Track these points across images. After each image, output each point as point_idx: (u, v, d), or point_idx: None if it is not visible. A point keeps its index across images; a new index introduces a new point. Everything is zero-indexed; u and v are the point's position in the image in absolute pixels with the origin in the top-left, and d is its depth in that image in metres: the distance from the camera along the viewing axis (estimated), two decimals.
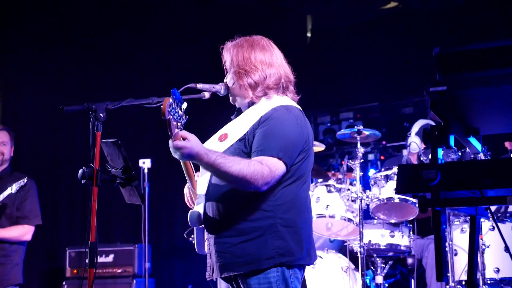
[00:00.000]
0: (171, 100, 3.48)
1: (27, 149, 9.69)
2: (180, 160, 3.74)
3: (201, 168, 3.83)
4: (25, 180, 6.01)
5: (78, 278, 8.88)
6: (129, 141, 5.68)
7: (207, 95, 3.95)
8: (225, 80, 4.01)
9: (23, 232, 6.09)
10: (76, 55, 9.97)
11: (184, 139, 3.54)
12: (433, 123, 3.43)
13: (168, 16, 10.23)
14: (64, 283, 9.01)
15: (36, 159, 9.70)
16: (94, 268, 3.95)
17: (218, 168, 3.56)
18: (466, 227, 6.59)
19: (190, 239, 6.43)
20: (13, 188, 5.93)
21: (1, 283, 5.98)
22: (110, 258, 8.87)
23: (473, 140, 3.81)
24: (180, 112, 3.55)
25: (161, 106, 3.46)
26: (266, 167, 3.58)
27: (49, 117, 9.36)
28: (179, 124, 3.54)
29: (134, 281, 8.63)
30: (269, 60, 3.93)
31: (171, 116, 3.48)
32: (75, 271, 9.01)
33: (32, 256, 9.54)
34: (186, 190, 4.10)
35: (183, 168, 3.87)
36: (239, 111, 4.03)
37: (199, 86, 3.89)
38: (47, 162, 9.64)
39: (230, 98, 4.03)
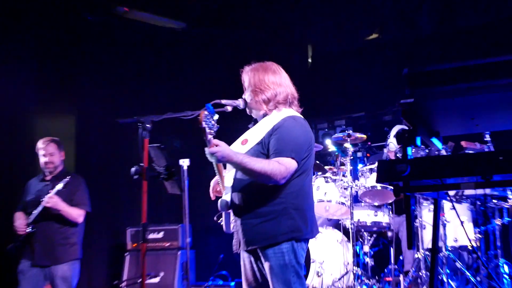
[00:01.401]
0: (206, 113, 3.56)
1: (96, 152, 9.73)
2: (213, 162, 3.77)
3: (227, 167, 3.89)
4: (68, 178, 5.98)
5: (136, 251, 8.93)
6: (172, 145, 5.70)
7: (229, 108, 3.96)
8: (243, 97, 4.03)
9: (78, 213, 6.02)
10: (128, 79, 10.02)
11: (216, 145, 3.61)
12: (404, 128, 3.43)
13: (195, 47, 10.24)
14: (126, 254, 9.05)
15: (103, 160, 9.73)
16: (146, 243, 4.05)
17: (244, 166, 3.65)
18: (432, 207, 6.58)
19: (219, 221, 6.40)
20: (60, 186, 5.91)
21: (62, 259, 5.96)
22: (160, 235, 8.89)
23: (435, 140, 3.80)
24: (212, 122, 3.60)
25: (198, 118, 3.56)
26: (283, 165, 3.66)
27: (110, 128, 9.40)
28: (212, 131, 3.60)
29: (179, 252, 8.64)
30: (279, 81, 3.97)
31: (206, 126, 3.56)
32: (134, 245, 9.04)
33: (101, 235, 9.60)
34: (212, 183, 4.13)
35: (214, 167, 3.88)
36: (255, 121, 4.06)
37: (223, 101, 3.89)
38: (111, 162, 9.67)
39: (247, 110, 4.05)
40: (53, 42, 9.56)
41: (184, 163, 7.82)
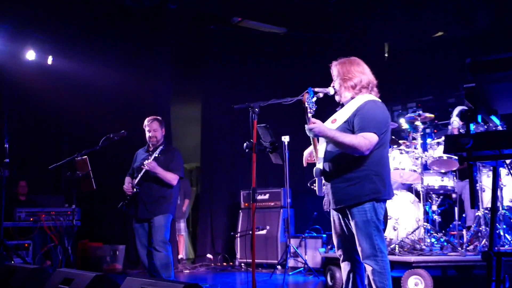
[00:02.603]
0: (308, 95, 3.60)
1: (217, 132, 9.90)
2: (311, 136, 3.76)
3: (320, 141, 3.86)
4: (162, 147, 5.93)
5: (248, 209, 9.03)
6: (275, 125, 5.71)
7: (321, 95, 3.92)
8: (332, 85, 3.98)
9: (173, 177, 5.90)
10: (242, 74, 10.12)
11: (314, 123, 3.64)
12: (466, 108, 3.30)
13: (293, 47, 10.22)
14: (240, 211, 9.19)
15: (221, 139, 9.90)
16: (255, 202, 4.05)
17: (336, 139, 3.65)
18: (491, 173, 6.34)
19: (312, 187, 6.37)
20: (156, 153, 5.88)
21: (159, 212, 5.86)
22: (266, 196, 8.97)
23: (493, 118, 3.66)
24: (312, 102, 3.63)
25: (302, 98, 3.64)
26: (367, 139, 3.62)
27: (228, 112, 9.53)
28: (312, 110, 3.63)
29: (281, 210, 8.70)
30: (362, 71, 3.92)
31: (308, 105, 3.60)
32: (246, 204, 9.16)
33: (221, 197, 9.79)
34: (304, 153, 4.12)
35: (311, 141, 3.85)
36: (342, 105, 3.99)
37: (316, 89, 3.85)
38: (229, 140, 9.83)
39: (336, 96, 4.00)
40: (185, 46, 9.82)
41: (285, 139, 7.89)
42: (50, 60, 8.58)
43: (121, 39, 9.13)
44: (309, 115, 3.62)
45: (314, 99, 3.67)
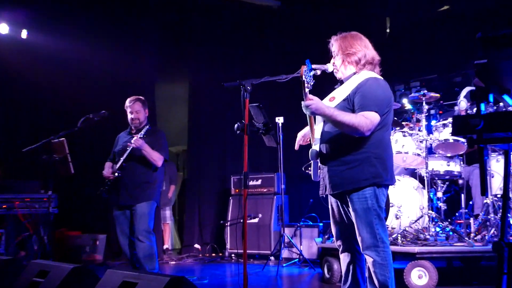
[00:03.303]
0: (305, 68, 3.54)
1: (206, 112, 9.84)
2: (307, 115, 3.72)
3: (316, 121, 3.81)
4: (148, 127, 5.90)
5: (239, 195, 9.01)
6: (268, 104, 5.67)
7: (318, 72, 3.88)
8: (331, 61, 3.94)
9: (159, 157, 5.88)
10: (232, 50, 10.05)
11: (311, 100, 3.58)
12: (475, 88, 3.26)
13: (288, 22, 10.15)
14: (230, 198, 9.16)
15: (210, 120, 9.85)
16: (247, 188, 4.02)
17: (335, 118, 3.59)
18: (500, 158, 6.36)
19: (307, 171, 6.34)
20: (141, 133, 5.84)
21: (142, 199, 5.86)
22: (259, 182, 8.95)
23: (506, 97, 3.59)
24: (310, 76, 3.58)
25: (299, 72, 3.57)
26: (368, 119, 3.59)
27: (217, 91, 9.47)
28: (309, 85, 3.58)
29: (275, 197, 8.69)
30: (366, 45, 3.89)
31: (305, 79, 3.54)
32: (237, 190, 9.14)
33: (210, 182, 9.76)
34: (299, 135, 4.09)
35: (308, 120, 3.82)
36: (341, 82, 3.94)
37: (314, 66, 3.80)
38: (219, 121, 9.80)
39: (336, 73, 3.96)
40: (171, 20, 9.72)
41: (280, 120, 7.85)
42: (24, 34, 8.46)
43: (103, 12, 9.02)
44: (306, 90, 3.57)
45: (312, 72, 3.63)
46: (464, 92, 6.47)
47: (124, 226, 5.93)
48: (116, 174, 5.87)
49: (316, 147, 3.82)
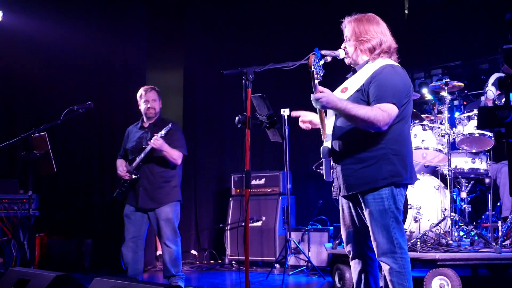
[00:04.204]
0: (314, 57, 3.52)
1: (202, 103, 9.85)
2: (317, 109, 3.74)
3: (328, 114, 3.83)
4: (170, 125, 6.08)
5: (240, 196, 9.02)
6: (273, 95, 5.69)
7: (329, 59, 3.88)
8: (343, 46, 3.94)
9: (178, 155, 6.13)
10: (231, 34, 10.03)
11: (321, 92, 3.57)
12: (504, 75, 3.26)
13: (295, 2, 10.11)
14: (230, 199, 9.17)
15: (208, 110, 9.85)
16: (249, 188, 4.04)
17: (348, 112, 3.58)
18: None
19: (318, 170, 6.36)
20: (162, 133, 6.00)
21: (165, 201, 6.12)
22: (262, 181, 8.95)
23: None
24: (320, 66, 3.56)
25: (307, 61, 3.54)
26: (385, 112, 3.58)
27: (216, 79, 9.48)
28: (319, 76, 3.56)
29: (280, 198, 8.70)
30: (383, 31, 3.88)
31: (314, 69, 3.53)
32: (238, 190, 9.15)
33: (208, 181, 9.77)
34: (303, 113, 4.09)
35: (317, 114, 3.83)
36: (354, 71, 3.95)
37: (323, 52, 3.79)
38: (216, 112, 9.79)
39: (347, 60, 3.96)
40: (161, 2, 9.69)
41: (285, 112, 7.84)
42: None
43: None
44: (316, 81, 3.56)
45: (322, 62, 3.60)
46: (492, 79, 6.46)
47: (136, 226, 6.14)
48: (133, 176, 6.09)
49: (328, 143, 3.83)
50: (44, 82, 8.69)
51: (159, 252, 9.46)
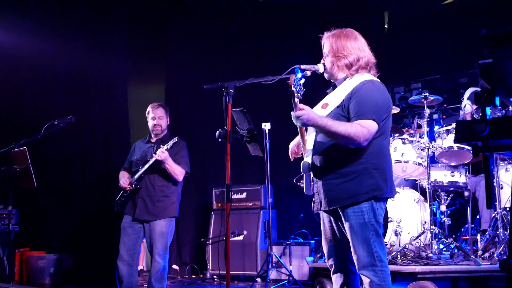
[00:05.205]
0: (294, 76, 3.57)
1: (184, 117, 9.84)
2: (298, 126, 3.76)
3: (308, 130, 3.85)
4: (176, 139, 6.14)
5: (221, 210, 9.01)
6: (254, 109, 5.70)
7: (308, 73, 3.90)
8: (322, 62, 3.98)
9: (180, 171, 6.17)
10: (212, 48, 10.05)
11: (301, 109, 3.61)
12: (480, 89, 3.30)
13: (276, 16, 10.16)
14: (212, 213, 9.16)
15: (190, 124, 9.85)
16: (230, 203, 4.05)
17: (329, 129, 3.60)
18: (509, 167, 6.44)
19: (298, 184, 6.38)
20: (169, 145, 6.05)
21: (162, 215, 6.11)
22: (243, 195, 8.95)
23: None
24: (300, 85, 3.60)
25: (288, 81, 3.57)
26: (365, 128, 3.61)
27: (196, 94, 9.49)
28: (299, 94, 3.59)
29: (261, 212, 8.69)
30: (360, 47, 3.91)
31: (295, 89, 3.56)
32: (219, 204, 9.13)
33: (189, 196, 9.71)
34: (290, 146, 4.14)
35: (298, 130, 3.85)
36: (334, 86, 3.99)
37: (303, 66, 3.84)
38: (197, 127, 9.79)
39: (326, 75, 4.00)
40: (143, 15, 9.70)
41: (266, 126, 7.87)
42: None
43: (64, 4, 8.98)
44: (296, 100, 3.58)
45: (302, 81, 3.64)
46: (467, 93, 6.48)
47: (131, 239, 6.12)
48: (134, 185, 6.11)
49: (308, 159, 3.85)
50: (24, 96, 8.66)
51: (140, 267, 9.41)
